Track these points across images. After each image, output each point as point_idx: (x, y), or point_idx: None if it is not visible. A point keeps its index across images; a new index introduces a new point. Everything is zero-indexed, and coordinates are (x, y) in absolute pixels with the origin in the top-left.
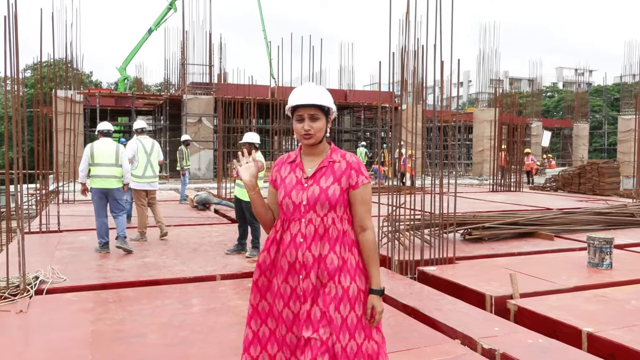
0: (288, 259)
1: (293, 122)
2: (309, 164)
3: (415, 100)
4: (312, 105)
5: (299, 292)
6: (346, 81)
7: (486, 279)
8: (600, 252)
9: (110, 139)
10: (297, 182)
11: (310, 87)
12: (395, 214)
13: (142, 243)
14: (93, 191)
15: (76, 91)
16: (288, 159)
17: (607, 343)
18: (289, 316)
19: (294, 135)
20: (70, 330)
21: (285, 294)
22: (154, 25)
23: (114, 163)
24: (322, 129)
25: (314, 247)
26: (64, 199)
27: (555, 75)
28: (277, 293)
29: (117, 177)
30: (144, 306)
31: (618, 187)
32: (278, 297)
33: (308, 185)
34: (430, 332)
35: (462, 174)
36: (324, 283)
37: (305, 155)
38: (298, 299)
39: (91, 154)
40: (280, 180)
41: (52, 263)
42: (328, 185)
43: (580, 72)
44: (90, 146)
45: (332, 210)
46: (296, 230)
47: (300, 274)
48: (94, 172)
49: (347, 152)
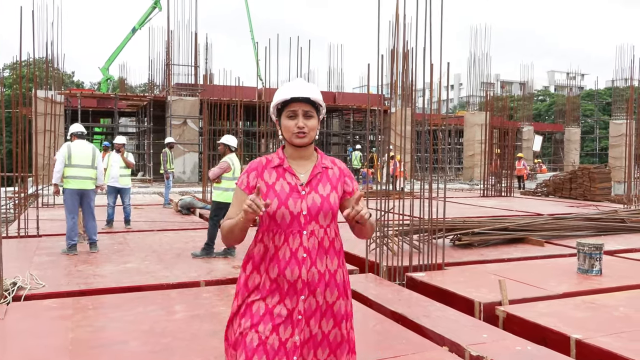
0: (288, 279)
1: (282, 119)
2: (299, 169)
3: (404, 103)
4: (306, 101)
5: (295, 317)
6: (335, 83)
7: (475, 285)
8: (590, 258)
9: (85, 141)
10: (291, 189)
11: (302, 81)
12: (383, 219)
13: (124, 248)
14: (68, 192)
15: (57, 91)
16: (269, 163)
17: (595, 350)
18: (274, 345)
19: (282, 135)
20: (48, 338)
21: (278, 318)
22: (138, 24)
23: (90, 165)
24: (315, 128)
25: (320, 262)
26: (44, 203)
27: (547, 78)
28: (264, 317)
29: (92, 178)
30: (126, 313)
31: (609, 192)
32: (265, 321)
33: (306, 193)
34: (417, 339)
35: (453, 178)
36: (332, 302)
37: (292, 159)
38: (292, 324)
39: (68, 155)
40: (267, 187)
41: (31, 269)
42: (328, 192)
43: (572, 75)
44: (67, 147)
45: (334, 220)
46: (297, 244)
47: (302, 294)
48: (70, 173)
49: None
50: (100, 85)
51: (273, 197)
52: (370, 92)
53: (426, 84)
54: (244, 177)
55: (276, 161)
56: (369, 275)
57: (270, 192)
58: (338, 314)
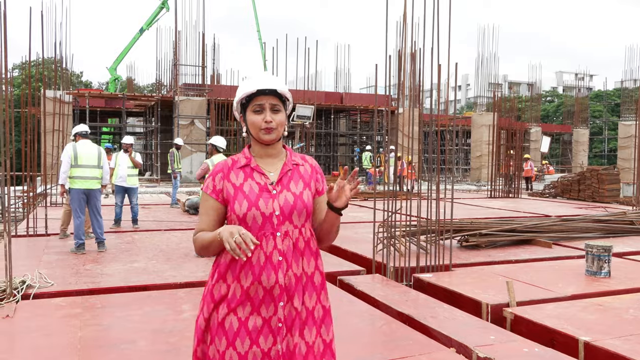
0: (264, 285)
1: (248, 114)
2: (268, 167)
3: (412, 103)
4: (273, 93)
5: (274, 324)
6: (342, 84)
7: (483, 286)
8: (599, 260)
9: (90, 141)
10: (261, 189)
11: (268, 74)
12: (391, 220)
13: (132, 247)
14: (74, 192)
15: (65, 91)
16: (235, 164)
17: (604, 353)
18: (257, 357)
19: (246, 132)
20: (57, 336)
21: (255, 330)
22: (145, 25)
23: (96, 165)
24: (283, 123)
25: (296, 265)
26: (52, 202)
27: (555, 79)
28: (240, 331)
29: (98, 178)
30: (133, 312)
31: (618, 194)
32: (242, 336)
33: (277, 192)
34: (424, 340)
35: (460, 179)
36: (312, 307)
37: (259, 158)
38: (271, 333)
39: (74, 156)
40: (235, 189)
41: (40, 267)
42: (300, 190)
43: (580, 76)
44: (72, 147)
45: (308, 219)
46: (271, 247)
47: (280, 301)
48: (76, 174)
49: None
50: (108, 85)
51: (242, 199)
52: (377, 93)
53: (434, 85)
54: (209, 181)
55: (243, 161)
56: (376, 276)
57: (239, 194)
58: (318, 320)
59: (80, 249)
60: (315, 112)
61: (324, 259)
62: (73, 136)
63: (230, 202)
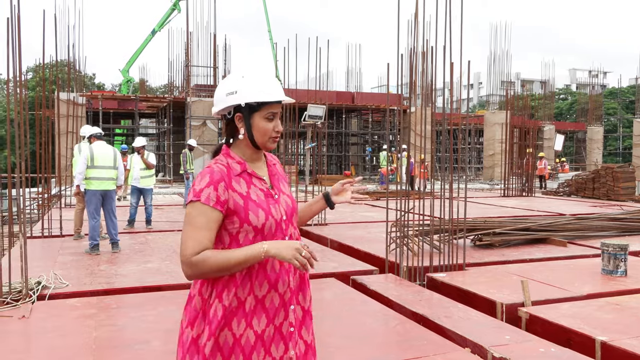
0: (280, 291)
1: (257, 119)
2: (259, 171)
3: (424, 102)
4: (280, 102)
5: (285, 330)
6: (353, 83)
7: (497, 286)
8: (615, 259)
9: (105, 142)
10: (266, 196)
11: (276, 80)
12: (404, 219)
13: (145, 248)
14: (90, 193)
15: (78, 94)
16: (232, 171)
17: (621, 353)
18: None
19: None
20: (72, 337)
21: (268, 339)
22: (157, 26)
23: (112, 165)
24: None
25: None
26: (66, 203)
27: (569, 77)
28: (256, 344)
29: (113, 179)
30: (148, 312)
31: (633, 192)
32: (257, 349)
33: (278, 197)
34: (439, 340)
35: (473, 178)
36: (308, 307)
37: (250, 162)
38: (282, 340)
39: (91, 157)
40: (244, 198)
41: (55, 268)
42: (289, 191)
43: (594, 73)
44: (89, 149)
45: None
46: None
47: (291, 304)
48: (93, 175)
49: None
50: (121, 87)
51: (256, 208)
52: (389, 92)
53: (446, 83)
54: (209, 191)
55: (237, 167)
56: (389, 276)
57: (250, 204)
58: (311, 319)
59: (95, 250)
60: (327, 112)
61: (338, 258)
62: (87, 138)
63: (241, 213)
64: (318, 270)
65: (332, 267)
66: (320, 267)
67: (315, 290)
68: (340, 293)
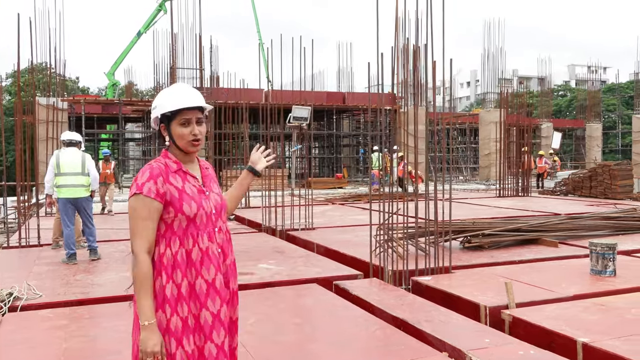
0: (206, 278)
1: (174, 126)
2: (192, 172)
3: (416, 101)
4: (197, 108)
5: (223, 316)
6: (345, 83)
7: (482, 288)
8: (603, 258)
9: (75, 148)
10: (199, 191)
11: (189, 87)
12: (389, 222)
13: (125, 256)
14: (61, 201)
15: (59, 98)
16: (169, 168)
17: (602, 354)
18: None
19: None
20: (42, 348)
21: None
22: (143, 28)
23: (80, 172)
24: (204, 134)
25: (231, 254)
26: (46, 212)
27: (568, 73)
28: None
29: (84, 185)
30: (120, 322)
31: (631, 190)
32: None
33: (209, 193)
34: (417, 345)
35: (469, 178)
36: (235, 289)
37: (183, 164)
38: (222, 326)
39: (57, 164)
40: (179, 191)
41: (29, 278)
42: (219, 191)
43: (593, 69)
44: (55, 156)
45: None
46: (210, 241)
47: (227, 288)
48: (61, 182)
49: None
50: (107, 91)
51: (189, 200)
52: (376, 91)
53: (429, 82)
54: (150, 185)
55: (174, 166)
56: (373, 280)
57: (184, 196)
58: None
59: (72, 259)
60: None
61: (322, 263)
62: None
63: (176, 203)
64: (300, 276)
65: (315, 273)
66: (303, 273)
67: (296, 297)
68: (321, 299)
